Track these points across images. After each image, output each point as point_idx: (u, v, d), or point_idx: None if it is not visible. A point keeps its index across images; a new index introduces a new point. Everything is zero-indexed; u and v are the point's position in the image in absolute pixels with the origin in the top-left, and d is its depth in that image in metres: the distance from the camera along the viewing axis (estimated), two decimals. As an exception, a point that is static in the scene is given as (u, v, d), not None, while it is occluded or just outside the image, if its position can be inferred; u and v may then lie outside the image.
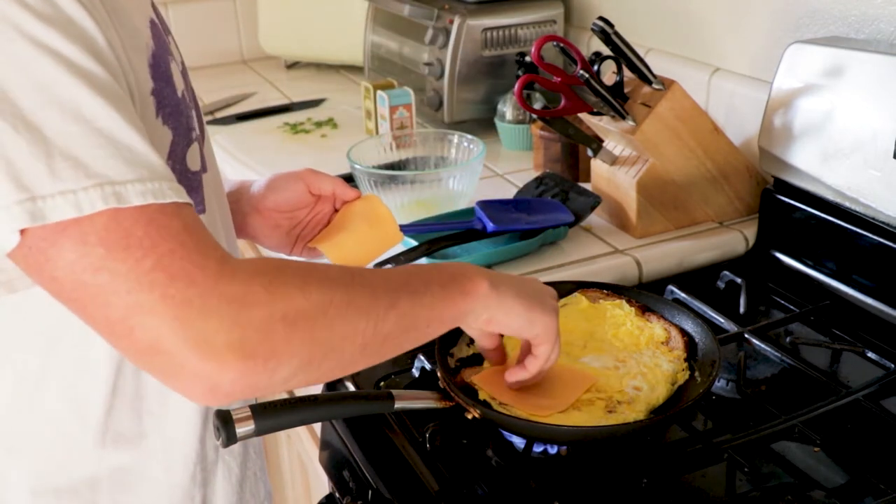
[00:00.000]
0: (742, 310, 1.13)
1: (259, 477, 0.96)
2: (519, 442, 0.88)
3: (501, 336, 0.90)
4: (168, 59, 0.76)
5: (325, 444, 1.05)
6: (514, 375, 0.87)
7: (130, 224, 0.61)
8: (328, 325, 0.67)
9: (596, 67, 1.25)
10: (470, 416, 0.88)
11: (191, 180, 0.79)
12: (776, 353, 1.01)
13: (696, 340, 0.96)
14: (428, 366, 1.00)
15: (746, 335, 1.04)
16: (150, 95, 0.72)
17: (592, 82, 1.19)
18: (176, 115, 0.75)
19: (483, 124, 1.74)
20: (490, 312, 0.80)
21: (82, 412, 0.77)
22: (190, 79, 0.87)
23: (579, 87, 1.23)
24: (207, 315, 0.61)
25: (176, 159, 0.76)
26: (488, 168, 1.60)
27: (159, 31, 0.77)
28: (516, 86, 1.23)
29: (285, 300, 0.65)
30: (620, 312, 1.01)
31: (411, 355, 1.04)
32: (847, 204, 1.13)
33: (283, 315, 0.64)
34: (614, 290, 1.05)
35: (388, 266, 1.15)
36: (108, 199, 0.59)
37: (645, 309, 1.02)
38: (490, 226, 1.22)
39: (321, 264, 0.72)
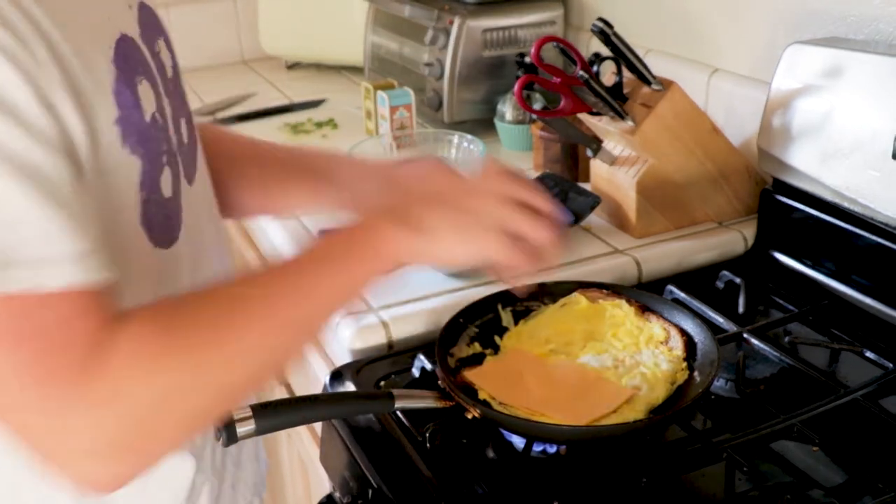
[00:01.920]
0: (741, 310, 1.13)
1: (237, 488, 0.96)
2: (519, 442, 0.88)
3: None
4: (136, 80, 0.71)
5: (325, 444, 1.05)
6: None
7: (4, 314, 0.59)
8: (204, 390, 0.66)
9: (595, 68, 1.25)
10: (470, 416, 0.88)
11: (166, 207, 0.75)
12: (775, 353, 1.01)
13: (696, 340, 0.96)
14: (428, 366, 1.00)
15: (745, 335, 1.05)
16: (114, 125, 0.67)
17: (592, 83, 1.19)
18: (145, 142, 0.71)
19: (483, 124, 1.74)
20: (421, 255, 0.75)
21: None
22: (180, 84, 0.83)
23: (579, 88, 1.23)
24: (74, 419, 0.60)
25: (149, 189, 0.72)
26: (488, 168, 1.59)
27: (129, 49, 0.71)
28: (516, 86, 1.23)
29: (154, 385, 0.63)
30: (620, 312, 1.01)
31: (412, 355, 1.04)
32: (846, 204, 1.13)
33: (152, 401, 0.63)
34: (614, 289, 1.05)
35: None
36: None
37: (644, 309, 1.02)
38: (490, 226, 1.22)
39: (201, 307, 0.68)
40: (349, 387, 1.02)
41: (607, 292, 1.05)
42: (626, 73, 1.25)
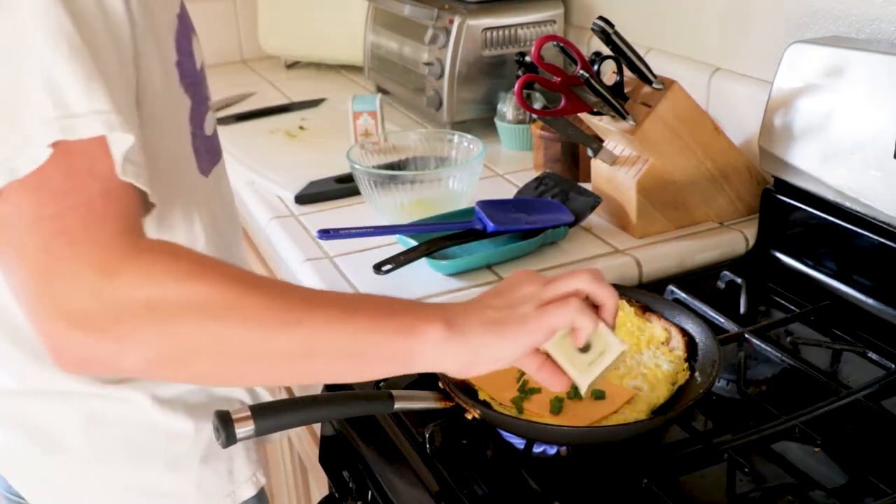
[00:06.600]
0: (742, 310, 1.13)
1: None
2: (519, 442, 0.88)
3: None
4: (191, 35, 0.87)
5: (325, 444, 1.05)
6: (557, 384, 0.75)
7: (52, 169, 0.62)
8: (199, 324, 0.63)
9: (596, 67, 1.25)
10: (470, 417, 0.87)
11: (207, 143, 0.89)
12: (776, 354, 1.01)
13: (697, 340, 0.96)
14: (428, 366, 0.99)
15: (747, 335, 1.04)
16: (174, 67, 0.81)
17: (592, 82, 1.19)
18: (195, 86, 0.85)
19: (483, 124, 1.74)
20: (456, 358, 0.69)
21: None
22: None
23: (579, 87, 1.23)
24: (70, 278, 0.61)
25: (195, 124, 0.85)
26: (488, 168, 1.59)
27: (185, 14, 0.88)
28: (516, 86, 1.23)
29: (157, 286, 0.62)
30: (621, 313, 1.00)
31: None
32: (847, 204, 1.13)
33: (147, 301, 0.62)
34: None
35: (388, 267, 1.15)
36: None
37: (645, 309, 1.02)
38: (490, 226, 1.21)
39: (233, 267, 0.67)
40: (348, 387, 1.02)
41: (608, 292, 1.04)
42: (627, 73, 1.25)
